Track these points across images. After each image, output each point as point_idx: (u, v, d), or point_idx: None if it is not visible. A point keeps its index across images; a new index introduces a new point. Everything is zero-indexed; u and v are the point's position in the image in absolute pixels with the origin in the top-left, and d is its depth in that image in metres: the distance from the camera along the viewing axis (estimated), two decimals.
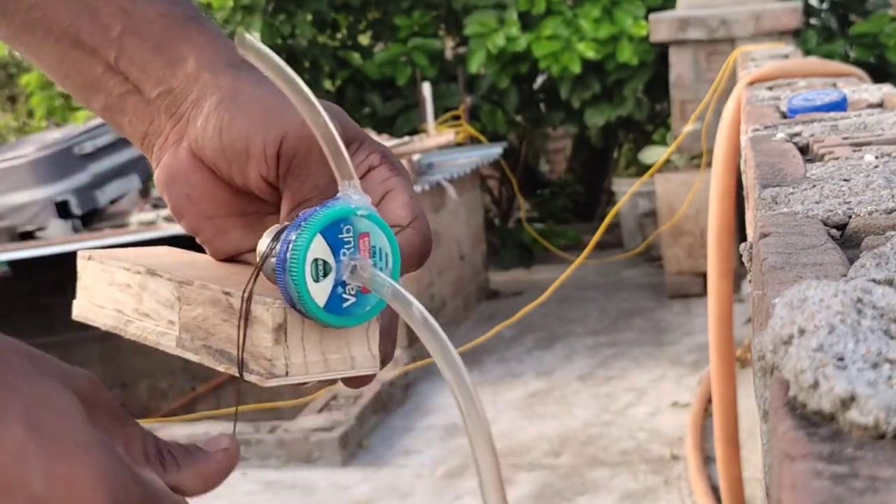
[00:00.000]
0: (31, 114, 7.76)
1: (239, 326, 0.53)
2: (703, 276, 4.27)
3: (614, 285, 5.93)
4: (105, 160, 5.36)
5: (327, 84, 6.84)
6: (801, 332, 0.39)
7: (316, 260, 0.51)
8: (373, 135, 5.77)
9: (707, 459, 3.35)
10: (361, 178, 0.57)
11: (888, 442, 0.34)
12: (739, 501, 2.06)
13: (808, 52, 5.45)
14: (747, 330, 3.62)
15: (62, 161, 5.26)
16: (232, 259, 0.61)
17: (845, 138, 1.14)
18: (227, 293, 0.54)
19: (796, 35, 5.38)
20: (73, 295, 0.65)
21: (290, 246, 0.51)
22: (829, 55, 5.48)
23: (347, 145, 0.57)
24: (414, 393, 4.46)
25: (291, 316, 0.53)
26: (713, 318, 1.97)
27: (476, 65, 6.14)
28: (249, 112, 0.56)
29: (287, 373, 0.53)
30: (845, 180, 0.80)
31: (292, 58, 6.63)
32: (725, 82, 4.71)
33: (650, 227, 6.05)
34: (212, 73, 0.58)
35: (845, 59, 5.76)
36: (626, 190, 6.10)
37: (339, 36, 7.06)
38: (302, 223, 0.52)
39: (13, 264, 5.03)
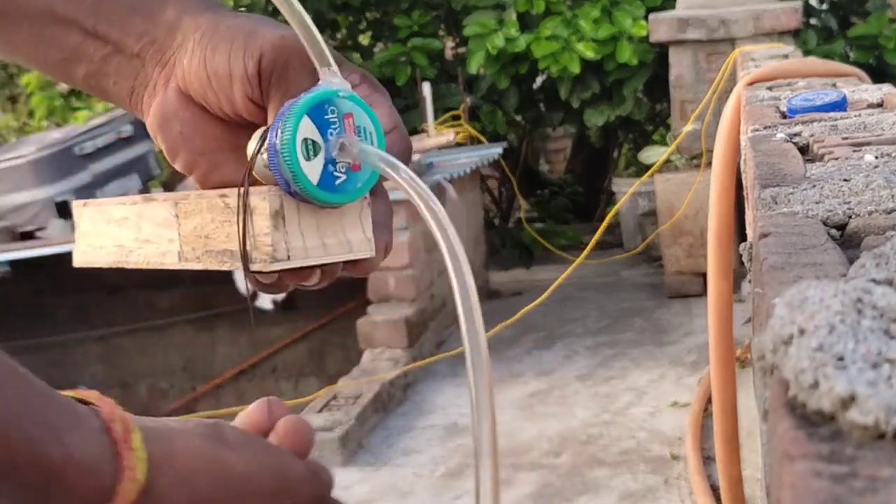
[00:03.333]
0: (31, 114, 7.76)
1: (239, 219, 0.56)
2: (703, 275, 4.27)
3: (614, 285, 5.93)
4: (105, 160, 5.37)
5: None
6: (801, 331, 0.39)
7: (305, 140, 0.54)
8: None
9: (707, 459, 3.35)
10: None
11: (888, 442, 0.34)
12: (739, 501, 2.05)
13: (807, 53, 5.44)
14: (747, 330, 3.62)
15: (62, 161, 5.27)
16: None
17: (845, 138, 1.14)
18: (222, 195, 0.58)
19: (796, 35, 5.37)
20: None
21: (280, 130, 0.54)
22: (828, 55, 5.48)
23: None
24: (414, 393, 4.46)
25: (287, 202, 0.56)
26: (713, 318, 1.97)
27: (476, 65, 6.14)
28: (228, 39, 0.59)
29: (289, 256, 0.56)
30: (845, 180, 0.80)
31: None
32: (725, 82, 4.71)
33: (650, 227, 6.05)
34: (192, 16, 0.60)
35: (845, 59, 5.75)
36: (625, 190, 6.10)
37: (339, 36, 7.06)
38: (287, 111, 0.54)
39: (14, 264, 5.03)
